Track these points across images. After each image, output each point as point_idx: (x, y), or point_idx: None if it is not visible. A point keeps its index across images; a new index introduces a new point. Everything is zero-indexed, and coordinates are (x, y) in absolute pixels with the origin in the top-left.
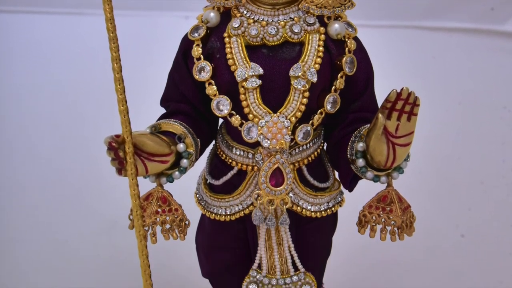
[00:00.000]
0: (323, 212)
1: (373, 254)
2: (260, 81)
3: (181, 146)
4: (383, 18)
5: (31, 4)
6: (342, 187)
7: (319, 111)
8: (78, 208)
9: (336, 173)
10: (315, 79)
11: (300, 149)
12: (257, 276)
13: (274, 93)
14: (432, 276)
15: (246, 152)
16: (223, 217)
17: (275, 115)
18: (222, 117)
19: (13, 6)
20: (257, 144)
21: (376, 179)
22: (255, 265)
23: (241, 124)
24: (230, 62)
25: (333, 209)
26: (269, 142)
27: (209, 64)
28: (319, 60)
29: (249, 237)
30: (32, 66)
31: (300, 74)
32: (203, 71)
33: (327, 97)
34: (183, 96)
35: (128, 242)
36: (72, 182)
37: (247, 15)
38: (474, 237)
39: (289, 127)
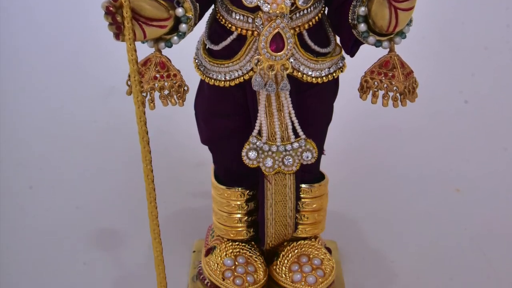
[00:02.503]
0: (324, 78)
1: (374, 120)
2: None
3: (179, 11)
4: None
5: None
6: (343, 52)
7: None
8: (74, 73)
9: (338, 38)
10: None
11: (301, 13)
12: (257, 143)
13: None
14: (435, 142)
15: (246, 16)
16: (223, 82)
17: None
18: None
19: None
20: (257, 9)
21: (378, 44)
22: (255, 132)
23: None
24: None
25: (334, 74)
26: (269, 6)
27: None
28: None
29: (249, 103)
30: None
31: None
32: None
33: None
34: None
35: (125, 108)
36: (68, 48)
37: None
38: (478, 103)
39: None
